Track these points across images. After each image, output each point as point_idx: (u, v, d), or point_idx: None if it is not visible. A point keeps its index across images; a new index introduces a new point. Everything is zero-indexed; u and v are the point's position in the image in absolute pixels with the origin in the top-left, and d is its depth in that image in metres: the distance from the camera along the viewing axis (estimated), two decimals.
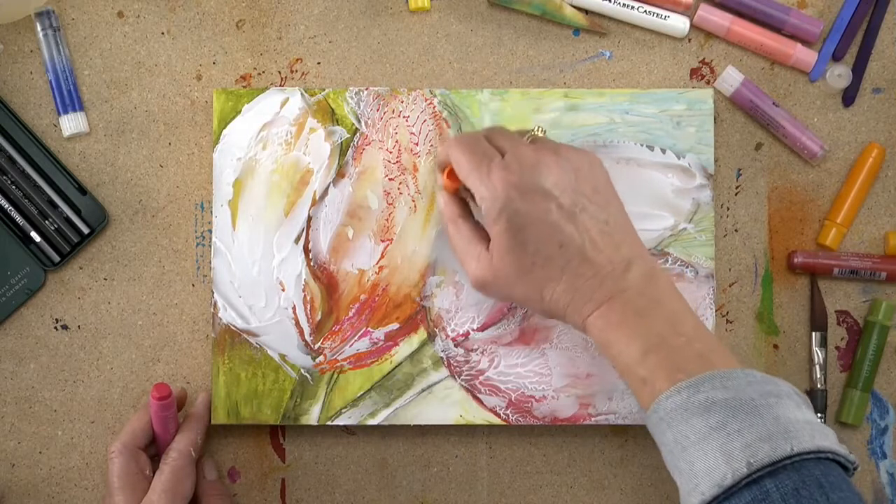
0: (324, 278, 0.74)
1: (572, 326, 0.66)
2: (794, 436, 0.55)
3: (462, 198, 0.69)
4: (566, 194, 0.65)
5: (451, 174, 0.68)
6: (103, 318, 0.75)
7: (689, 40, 0.76)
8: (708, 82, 0.76)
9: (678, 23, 0.75)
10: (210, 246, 0.75)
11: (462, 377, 0.73)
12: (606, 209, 0.66)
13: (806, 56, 0.75)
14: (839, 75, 0.76)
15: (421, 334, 0.74)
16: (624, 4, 0.75)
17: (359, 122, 0.74)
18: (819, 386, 0.75)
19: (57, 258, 0.75)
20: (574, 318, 0.65)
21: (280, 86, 0.76)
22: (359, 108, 0.74)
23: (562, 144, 0.68)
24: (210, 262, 0.75)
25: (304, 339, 0.73)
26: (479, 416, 0.73)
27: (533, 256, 0.64)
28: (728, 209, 0.76)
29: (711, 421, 0.57)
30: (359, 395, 0.73)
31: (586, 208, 0.65)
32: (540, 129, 0.69)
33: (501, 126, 0.71)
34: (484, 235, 0.66)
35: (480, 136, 0.68)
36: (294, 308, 0.74)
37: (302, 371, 0.73)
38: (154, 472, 0.70)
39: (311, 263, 0.74)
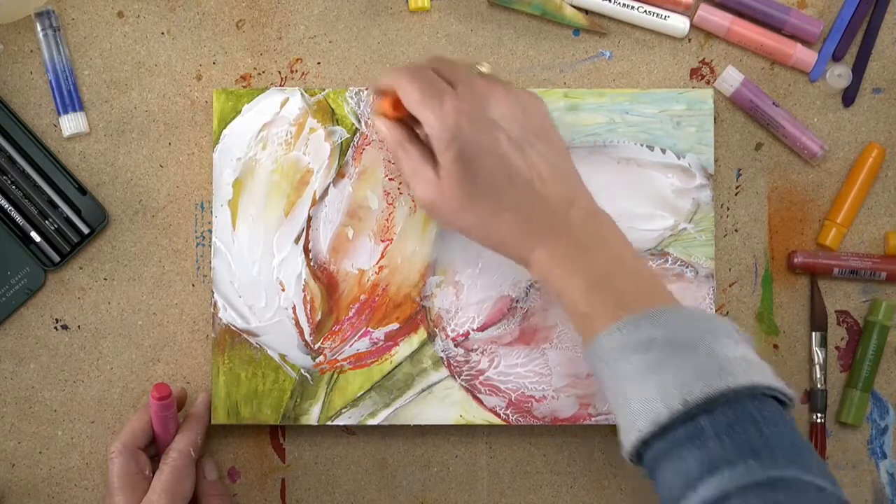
0: (324, 278, 0.74)
1: (515, 260, 0.66)
2: (730, 372, 0.56)
3: (406, 123, 0.68)
4: (515, 128, 0.65)
5: (397, 104, 0.67)
6: (103, 318, 0.75)
7: (689, 40, 0.76)
8: (708, 82, 0.76)
9: (678, 23, 0.75)
10: (210, 246, 0.75)
11: (462, 377, 0.73)
12: (552, 148, 0.66)
13: (806, 56, 0.75)
14: (839, 75, 0.76)
15: (421, 334, 0.74)
16: (624, 4, 0.75)
17: (359, 122, 0.74)
18: (819, 386, 0.75)
19: (57, 258, 0.75)
20: (518, 252, 0.65)
21: (280, 86, 0.76)
22: (359, 108, 0.74)
23: (509, 83, 0.68)
24: (210, 262, 0.75)
25: (304, 339, 0.73)
26: (479, 416, 0.73)
27: (482, 187, 0.64)
28: (728, 209, 0.76)
29: (649, 359, 0.57)
30: (359, 395, 0.73)
31: (534, 144, 0.65)
32: (485, 65, 0.69)
33: (444, 56, 0.71)
34: (433, 157, 0.66)
35: (428, 67, 0.67)
36: (294, 308, 0.74)
37: (302, 371, 0.73)
38: (154, 472, 0.70)
39: (311, 263, 0.74)
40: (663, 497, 0.57)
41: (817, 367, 0.75)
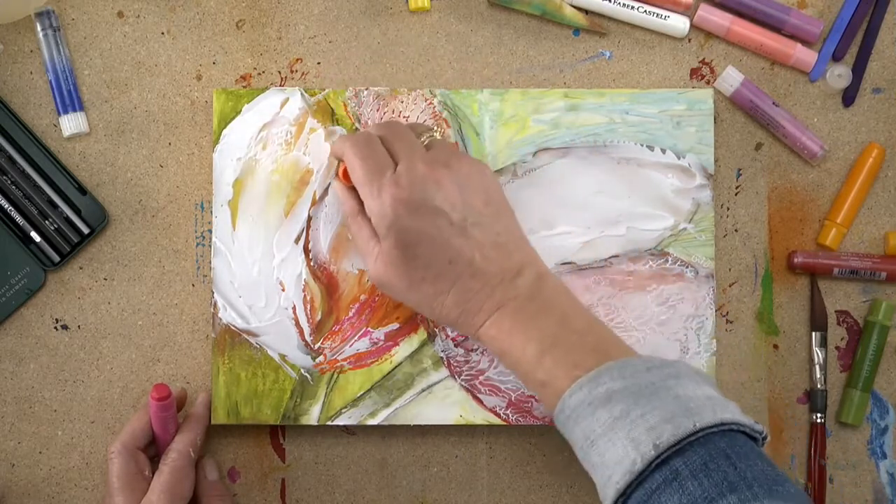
0: (324, 278, 0.74)
1: (467, 336, 0.66)
2: (696, 412, 0.56)
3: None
4: (457, 209, 0.65)
5: (346, 174, 0.68)
6: (103, 318, 0.75)
7: (689, 40, 0.76)
8: (708, 82, 0.76)
9: (678, 23, 0.75)
10: (210, 246, 0.75)
11: (462, 377, 0.73)
12: (498, 220, 0.66)
13: (806, 56, 0.75)
14: (839, 75, 0.76)
15: (421, 334, 0.74)
16: (624, 4, 0.75)
17: (359, 122, 0.74)
18: (819, 386, 0.75)
19: (57, 258, 0.75)
20: (467, 329, 0.66)
21: (280, 86, 0.76)
22: (359, 108, 0.74)
23: (455, 153, 0.68)
24: (210, 262, 0.75)
25: (304, 339, 0.73)
26: (479, 416, 0.73)
27: (423, 271, 0.65)
28: (728, 209, 0.76)
29: (615, 410, 0.57)
30: (359, 395, 0.73)
31: (478, 222, 0.65)
32: (438, 131, 0.69)
33: (398, 122, 0.71)
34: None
35: (376, 138, 0.67)
36: (294, 308, 0.74)
37: (302, 371, 0.73)
38: (153, 473, 0.70)
39: (311, 263, 0.74)
40: None
41: (817, 367, 0.75)
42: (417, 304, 0.66)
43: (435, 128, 0.70)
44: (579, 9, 0.76)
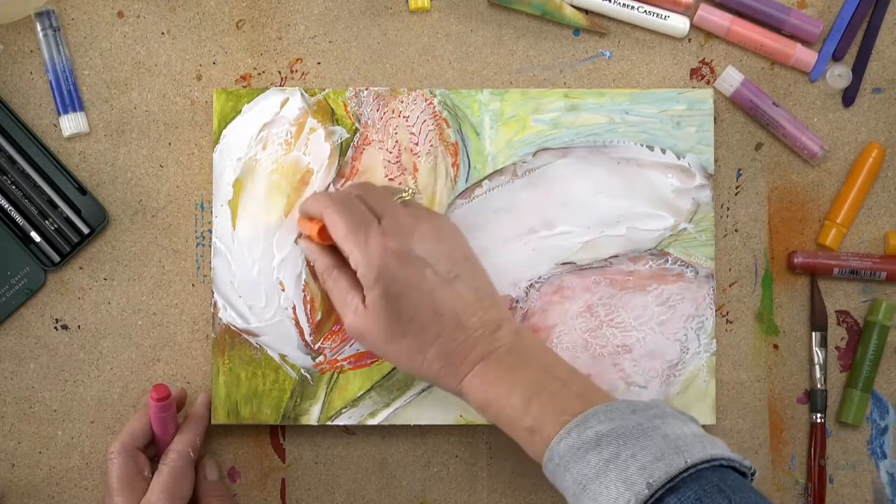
0: None
1: (447, 390, 0.66)
2: (686, 449, 0.56)
3: (333, 247, 0.68)
4: (441, 262, 0.66)
5: (323, 232, 0.68)
6: (103, 318, 0.75)
7: (689, 40, 0.76)
8: (708, 82, 0.76)
9: (678, 23, 0.75)
10: (210, 246, 0.75)
11: None
12: (476, 276, 0.67)
13: (806, 56, 0.75)
14: (839, 75, 0.76)
15: None
16: (624, 4, 0.75)
17: (359, 122, 0.74)
18: (819, 386, 0.75)
19: (57, 258, 0.75)
20: (449, 382, 0.66)
21: (280, 86, 0.76)
22: (359, 108, 0.74)
23: (430, 210, 0.70)
24: (210, 262, 0.75)
25: (304, 339, 0.73)
26: (480, 416, 0.73)
27: (407, 324, 0.65)
28: (728, 209, 0.76)
29: (605, 453, 0.57)
30: (359, 395, 0.73)
31: (460, 276, 0.66)
32: (410, 191, 0.69)
33: (370, 184, 0.71)
34: (360, 286, 0.66)
35: (354, 196, 0.68)
36: (294, 308, 0.74)
37: (302, 371, 0.73)
38: (153, 473, 0.70)
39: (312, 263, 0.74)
40: None
41: (817, 367, 0.75)
42: (396, 357, 0.66)
43: (407, 188, 0.71)
44: (579, 9, 0.76)
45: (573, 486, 0.58)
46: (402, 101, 0.74)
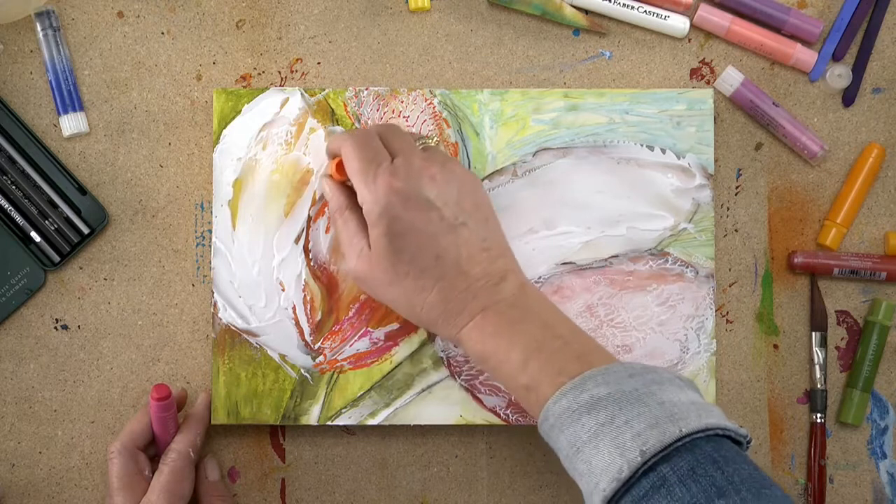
0: (324, 278, 0.74)
1: (446, 339, 0.66)
2: (681, 417, 0.56)
3: (350, 187, 0.69)
4: (448, 207, 0.65)
5: (340, 167, 0.68)
6: (103, 318, 0.75)
7: (689, 40, 0.76)
8: (708, 82, 0.76)
9: (678, 23, 0.75)
10: (210, 246, 0.75)
11: (462, 377, 0.73)
12: (486, 226, 0.67)
13: (806, 56, 0.75)
14: (839, 75, 0.76)
15: (421, 334, 0.74)
16: (624, 4, 0.75)
17: (359, 122, 0.74)
18: (819, 386, 0.75)
19: (57, 258, 0.75)
20: (447, 330, 0.65)
21: (280, 86, 0.76)
22: (359, 108, 0.74)
23: (450, 157, 0.68)
24: (210, 262, 0.75)
25: (304, 339, 0.74)
26: (479, 416, 0.73)
27: (408, 265, 0.64)
28: (728, 209, 0.76)
29: (600, 417, 0.57)
30: (359, 395, 0.73)
31: (466, 223, 0.66)
32: (434, 139, 0.69)
33: (396, 126, 0.71)
34: (367, 228, 0.66)
35: (374, 134, 0.68)
36: (294, 308, 0.74)
37: (302, 371, 0.73)
38: (153, 473, 0.70)
39: (311, 263, 0.74)
40: None
41: (817, 367, 0.75)
42: (396, 300, 0.66)
43: (432, 136, 0.71)
44: (579, 9, 0.76)
45: (567, 447, 0.58)
46: (402, 101, 0.74)
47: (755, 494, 0.53)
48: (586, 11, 0.76)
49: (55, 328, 0.75)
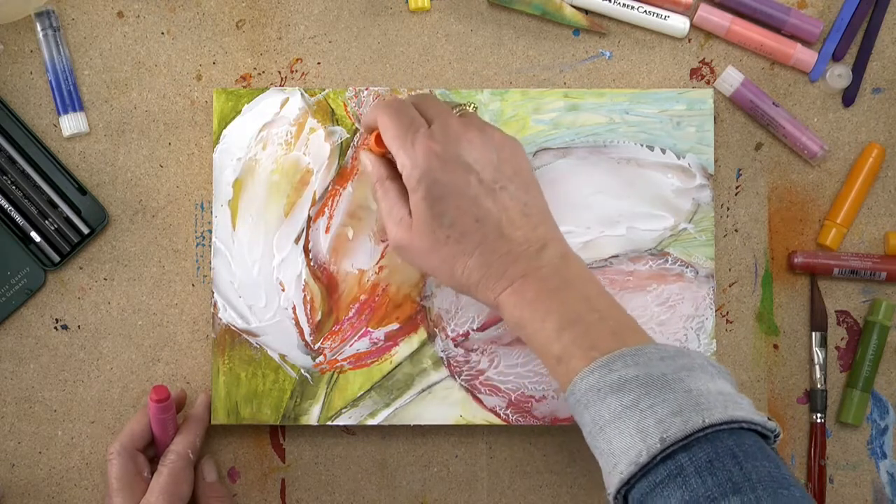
0: (324, 278, 0.74)
1: (484, 303, 0.66)
2: (707, 407, 0.55)
3: (390, 160, 0.69)
4: (487, 170, 0.65)
5: (379, 139, 0.68)
6: (103, 318, 0.75)
7: (689, 40, 0.76)
8: (708, 82, 0.76)
9: (678, 23, 0.75)
10: (210, 246, 0.75)
11: (462, 377, 0.73)
12: (527, 191, 0.66)
13: (806, 56, 0.75)
14: (839, 75, 0.76)
15: (421, 334, 0.74)
16: (624, 4, 0.75)
17: (359, 122, 0.74)
18: (819, 386, 0.75)
19: (57, 258, 0.75)
20: (486, 295, 0.65)
21: (280, 86, 0.76)
22: (359, 108, 0.74)
23: (489, 123, 0.68)
24: (210, 262, 0.75)
25: (304, 339, 0.74)
26: (479, 416, 0.73)
27: (448, 229, 0.64)
28: (728, 209, 0.76)
29: (625, 399, 0.57)
30: (359, 395, 0.73)
31: (506, 187, 0.65)
32: (472, 105, 0.69)
33: (432, 94, 0.71)
34: (408, 197, 0.66)
35: (409, 102, 0.67)
36: (294, 308, 0.74)
37: (302, 371, 0.73)
38: (153, 474, 0.70)
39: (311, 263, 0.74)
40: None
41: (817, 367, 0.75)
42: (438, 267, 0.65)
43: (469, 103, 0.70)
44: (579, 9, 0.76)
45: (590, 424, 0.58)
46: None
47: (771, 494, 0.53)
48: (586, 11, 0.76)
49: (55, 328, 0.75)
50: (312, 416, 0.73)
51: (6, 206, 0.75)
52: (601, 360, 0.59)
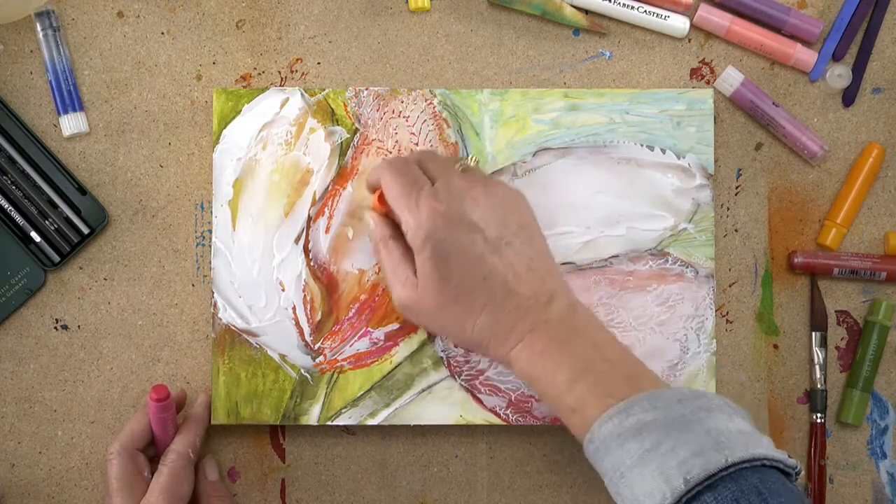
0: (324, 278, 0.74)
1: (496, 361, 0.66)
2: (727, 447, 0.55)
3: (392, 219, 0.69)
4: (492, 227, 0.65)
5: (382, 198, 0.68)
6: (103, 318, 0.75)
7: (689, 40, 0.76)
8: (708, 82, 0.76)
9: (678, 23, 0.75)
10: (210, 246, 0.75)
11: (462, 377, 0.73)
12: (531, 245, 0.66)
13: (806, 56, 0.75)
14: (839, 75, 0.76)
15: (421, 334, 0.74)
16: (624, 4, 0.75)
17: (359, 122, 0.74)
18: (819, 386, 0.75)
19: (57, 258, 0.75)
20: (497, 351, 0.65)
21: (280, 86, 0.76)
22: (359, 108, 0.74)
23: (492, 178, 0.68)
24: (210, 262, 0.75)
25: (304, 339, 0.74)
26: (479, 416, 0.73)
27: (455, 288, 0.64)
28: (728, 209, 0.76)
29: (645, 443, 0.56)
30: (359, 395, 0.73)
31: (511, 243, 0.65)
32: (473, 158, 0.69)
33: (433, 151, 0.71)
34: (413, 259, 0.66)
35: (412, 161, 0.68)
36: (294, 308, 0.74)
37: (302, 371, 0.73)
38: (153, 474, 0.70)
39: (311, 263, 0.74)
40: None
41: (817, 367, 0.75)
42: (446, 326, 0.66)
43: (471, 156, 0.70)
44: (579, 9, 0.76)
45: (611, 471, 0.58)
46: (402, 101, 0.74)
47: None
48: (586, 11, 0.76)
49: (55, 328, 0.75)
50: (312, 416, 0.73)
51: (6, 206, 0.75)
52: (618, 406, 0.58)
